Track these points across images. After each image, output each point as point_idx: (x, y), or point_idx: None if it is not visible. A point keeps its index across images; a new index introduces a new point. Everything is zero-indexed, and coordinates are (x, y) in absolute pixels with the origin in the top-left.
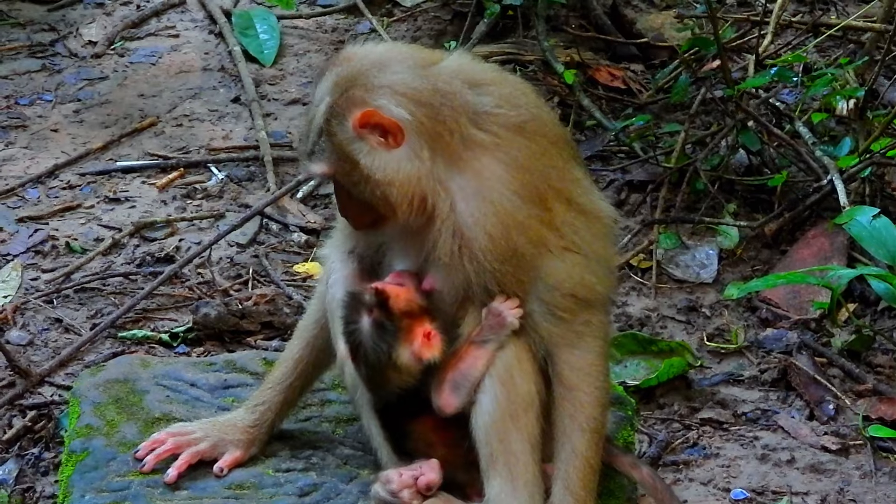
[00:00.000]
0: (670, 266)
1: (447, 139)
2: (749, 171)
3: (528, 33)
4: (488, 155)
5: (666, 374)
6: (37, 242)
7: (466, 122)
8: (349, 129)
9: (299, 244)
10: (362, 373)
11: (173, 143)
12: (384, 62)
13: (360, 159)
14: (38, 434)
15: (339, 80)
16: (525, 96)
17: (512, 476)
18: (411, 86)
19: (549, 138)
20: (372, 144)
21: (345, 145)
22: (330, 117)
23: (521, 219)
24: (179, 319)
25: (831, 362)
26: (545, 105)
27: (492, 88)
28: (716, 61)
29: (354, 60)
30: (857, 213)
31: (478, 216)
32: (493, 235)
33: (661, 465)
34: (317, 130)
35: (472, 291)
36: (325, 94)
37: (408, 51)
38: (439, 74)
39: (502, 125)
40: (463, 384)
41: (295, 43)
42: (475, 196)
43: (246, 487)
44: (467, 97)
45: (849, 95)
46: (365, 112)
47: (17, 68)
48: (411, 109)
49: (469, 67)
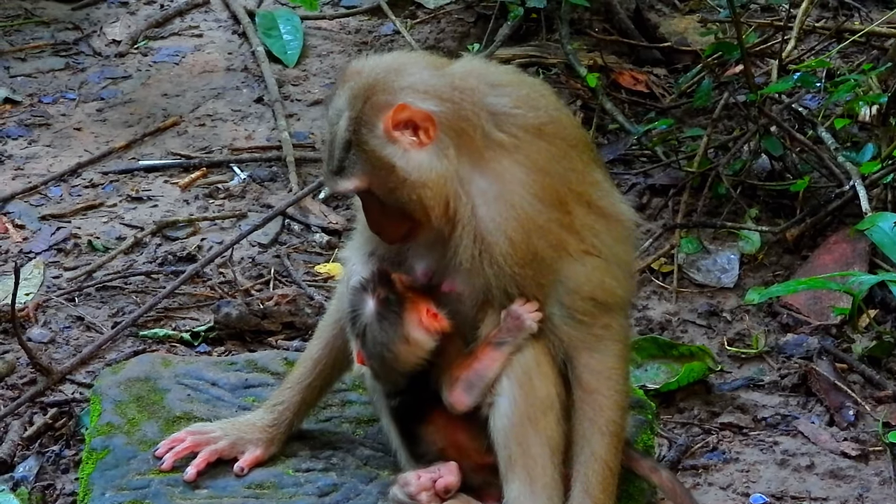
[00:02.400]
0: (691, 270)
1: (471, 135)
2: (771, 176)
3: (551, 36)
4: (508, 157)
5: (686, 378)
6: (59, 240)
7: (487, 121)
8: (381, 133)
9: (321, 245)
10: (370, 355)
11: (196, 143)
12: (398, 68)
13: (395, 162)
14: (58, 432)
15: (357, 92)
16: (543, 98)
17: (531, 479)
18: (430, 83)
19: (569, 141)
20: (405, 146)
21: (378, 151)
22: (357, 128)
23: (542, 223)
24: (201, 319)
25: (852, 368)
26: (564, 107)
27: (509, 89)
28: (739, 66)
29: (366, 72)
30: (879, 219)
31: (499, 221)
32: (514, 240)
33: (680, 469)
34: (342, 145)
35: (492, 294)
36: (343, 109)
37: (418, 56)
38: (454, 74)
39: (521, 127)
40: (477, 384)
41: (318, 44)
42: (496, 200)
43: (266, 487)
44: (486, 96)
45: (872, 101)
46: (396, 108)
47: (41, 67)
48: (437, 103)
49: (484, 68)
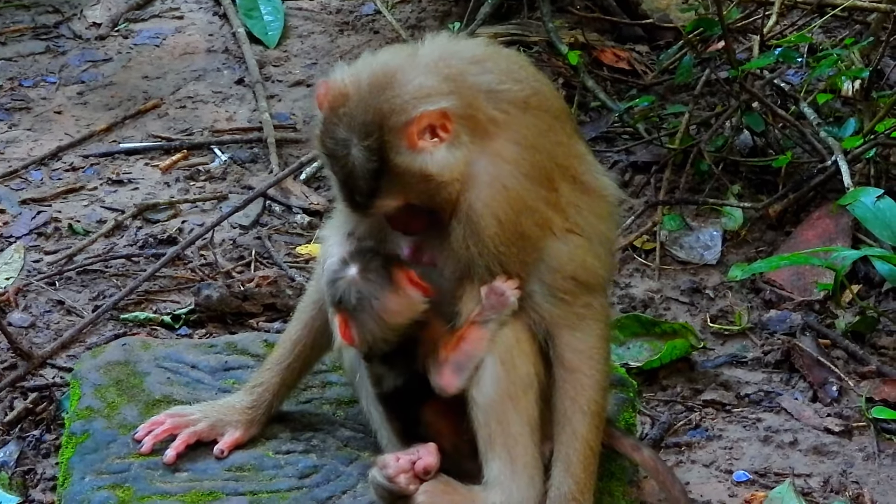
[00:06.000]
0: (674, 247)
1: (477, 117)
2: (753, 152)
3: (532, 14)
4: (503, 134)
5: (669, 355)
6: (39, 224)
7: (484, 100)
8: (406, 150)
9: (302, 226)
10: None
11: (177, 125)
12: (387, 81)
13: (426, 169)
14: (39, 416)
15: (364, 120)
16: (523, 69)
17: (511, 458)
18: (428, 83)
19: (553, 112)
20: (429, 149)
21: (407, 166)
22: (380, 156)
23: (531, 202)
24: (182, 301)
25: (835, 344)
26: (543, 76)
27: (489, 64)
28: (720, 42)
29: (354, 94)
30: (862, 194)
31: (489, 202)
32: (503, 221)
33: (663, 447)
34: (369, 175)
35: (474, 271)
36: (349, 140)
37: (390, 56)
38: (435, 62)
39: (510, 102)
40: (465, 364)
41: (299, 24)
42: (492, 181)
43: (246, 469)
44: (473, 76)
45: (854, 76)
46: (414, 122)
47: (21, 50)
48: (442, 98)
49: (455, 47)
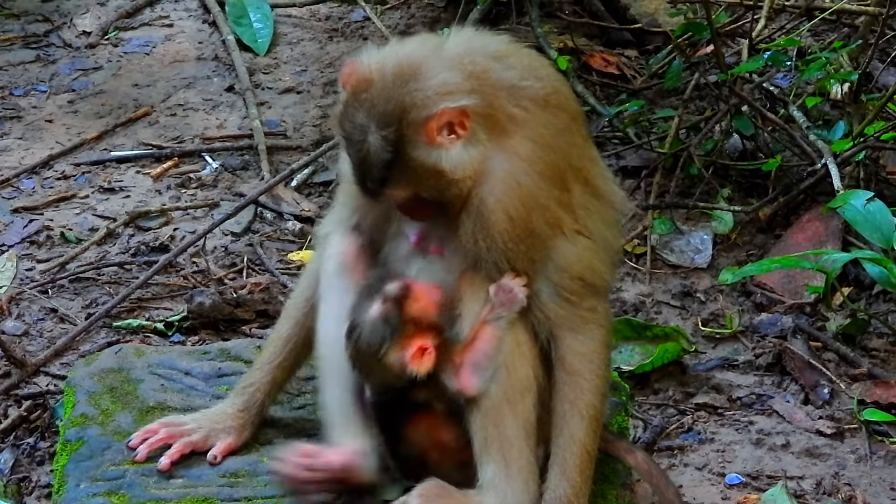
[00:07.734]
0: (665, 251)
1: (496, 116)
2: (743, 155)
3: (521, 20)
4: (521, 132)
5: (660, 359)
6: (32, 233)
7: (506, 98)
8: (423, 144)
9: (294, 232)
10: (350, 354)
11: (167, 133)
12: (413, 72)
13: (441, 165)
14: (33, 424)
15: (384, 110)
16: (544, 67)
17: (506, 461)
18: (453, 80)
19: (570, 112)
20: (445, 146)
21: (422, 160)
22: (396, 147)
23: (543, 200)
24: (174, 308)
25: (826, 346)
26: (561, 76)
27: (513, 60)
28: (709, 46)
29: (378, 81)
30: (852, 196)
31: (501, 197)
32: (514, 218)
33: (655, 450)
34: (383, 164)
35: (480, 265)
36: (368, 126)
37: (419, 46)
38: (461, 57)
39: (531, 99)
40: (483, 364)
41: (289, 31)
42: (506, 177)
43: (240, 475)
44: (497, 72)
45: (843, 79)
46: (434, 118)
47: (12, 59)
48: (465, 96)
49: (481, 42)
